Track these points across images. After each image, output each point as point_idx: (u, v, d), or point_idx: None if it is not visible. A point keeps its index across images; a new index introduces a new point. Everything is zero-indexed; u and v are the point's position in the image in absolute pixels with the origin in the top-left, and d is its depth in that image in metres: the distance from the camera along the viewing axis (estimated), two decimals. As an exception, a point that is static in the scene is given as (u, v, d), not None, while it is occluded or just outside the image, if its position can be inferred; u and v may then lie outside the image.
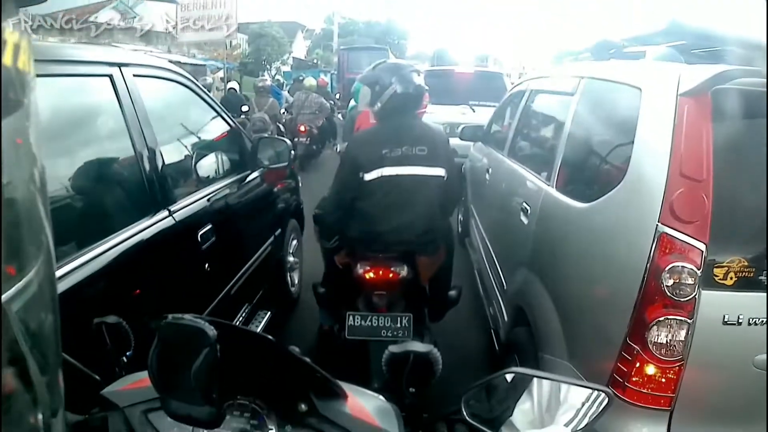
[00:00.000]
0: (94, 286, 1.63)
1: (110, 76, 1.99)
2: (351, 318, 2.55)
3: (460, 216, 5.42)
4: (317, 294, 2.95)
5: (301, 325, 3.77)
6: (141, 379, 0.86)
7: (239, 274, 2.86)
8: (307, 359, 0.81)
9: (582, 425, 0.78)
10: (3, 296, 0.38)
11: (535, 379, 0.80)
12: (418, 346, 0.86)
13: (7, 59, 0.37)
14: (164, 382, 0.70)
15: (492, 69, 10.38)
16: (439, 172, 2.52)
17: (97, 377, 0.90)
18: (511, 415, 0.79)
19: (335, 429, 0.80)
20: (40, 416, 0.44)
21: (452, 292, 2.91)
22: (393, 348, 0.86)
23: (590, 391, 0.78)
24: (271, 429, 0.81)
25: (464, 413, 0.79)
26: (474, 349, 3.44)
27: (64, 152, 1.72)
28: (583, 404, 0.78)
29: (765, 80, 1.66)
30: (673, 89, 1.74)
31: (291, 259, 4.05)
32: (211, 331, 0.67)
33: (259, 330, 3.18)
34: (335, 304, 2.89)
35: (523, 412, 0.80)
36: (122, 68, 2.07)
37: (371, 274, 2.54)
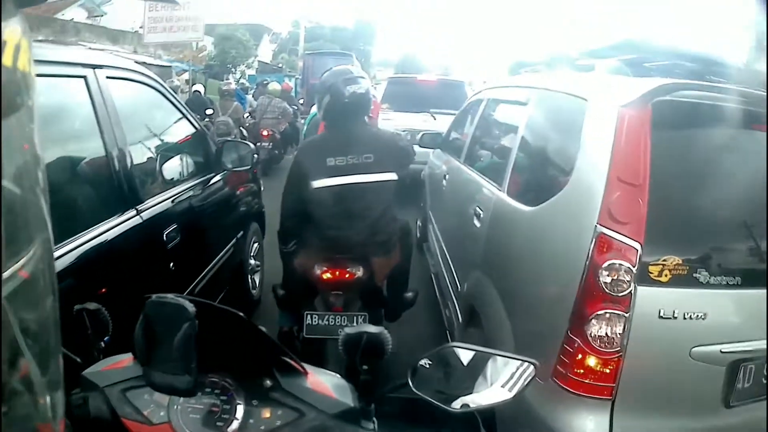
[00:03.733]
0: (69, 278, 1.67)
1: (85, 78, 2.04)
2: (309, 317, 2.62)
3: (418, 222, 5.47)
4: (277, 295, 2.98)
5: (262, 326, 3.78)
6: (119, 361, 0.95)
7: (202, 275, 2.90)
8: (273, 338, 0.90)
9: (513, 393, 0.89)
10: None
11: (473, 354, 0.91)
12: (371, 328, 0.95)
13: (7, 59, 0.37)
14: (147, 356, 0.79)
15: (453, 78, 10.52)
16: (388, 176, 2.57)
17: (78, 359, 0.96)
18: (453, 385, 0.90)
19: (297, 402, 0.88)
20: (48, 397, 0.46)
21: (409, 294, 2.98)
22: (348, 330, 0.95)
23: (519, 362, 0.90)
24: (240, 404, 0.89)
25: (410, 384, 0.90)
26: (430, 348, 3.50)
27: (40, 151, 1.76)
28: (513, 374, 0.90)
29: (703, 93, 1.80)
30: (616, 101, 1.86)
31: (252, 262, 4.08)
32: (191, 307, 0.77)
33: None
34: (294, 305, 2.94)
35: (462, 381, 0.91)
36: (96, 70, 2.13)
37: (328, 275, 2.61)
